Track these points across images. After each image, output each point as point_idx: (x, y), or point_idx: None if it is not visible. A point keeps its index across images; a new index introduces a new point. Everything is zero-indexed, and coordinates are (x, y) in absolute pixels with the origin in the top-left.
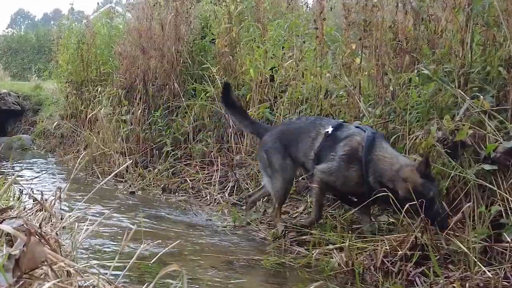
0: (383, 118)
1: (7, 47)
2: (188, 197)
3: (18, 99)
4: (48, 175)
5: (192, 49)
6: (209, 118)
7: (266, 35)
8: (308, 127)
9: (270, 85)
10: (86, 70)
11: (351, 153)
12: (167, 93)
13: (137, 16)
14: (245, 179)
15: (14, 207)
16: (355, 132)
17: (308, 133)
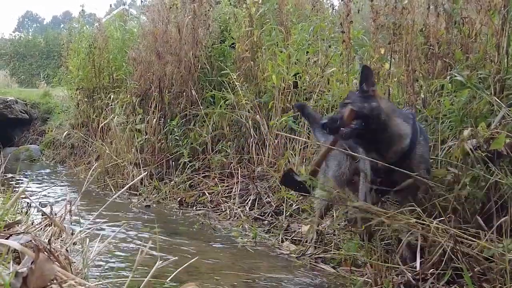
0: None
1: (14, 52)
2: (207, 211)
3: (26, 107)
4: (57, 188)
5: (211, 54)
6: (228, 127)
7: (289, 39)
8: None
9: (293, 92)
10: (98, 76)
11: None
12: (184, 100)
13: (152, 18)
14: (267, 192)
15: (21, 222)
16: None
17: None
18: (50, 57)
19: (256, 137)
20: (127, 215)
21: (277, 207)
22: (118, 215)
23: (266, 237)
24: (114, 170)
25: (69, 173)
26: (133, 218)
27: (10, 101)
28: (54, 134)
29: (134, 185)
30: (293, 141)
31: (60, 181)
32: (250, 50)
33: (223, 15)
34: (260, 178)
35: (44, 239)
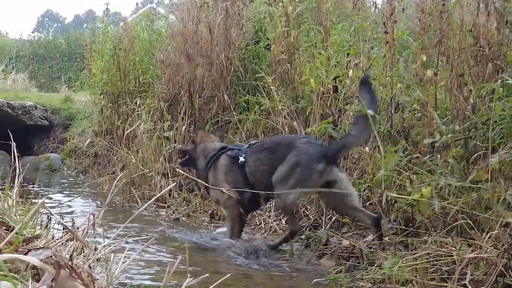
0: (462, 135)
1: (34, 54)
2: None
3: (46, 113)
4: (80, 200)
5: (244, 56)
6: (263, 135)
7: (328, 40)
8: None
9: (333, 97)
10: (123, 80)
11: None
12: (216, 106)
13: (181, 18)
14: (305, 204)
15: (41, 236)
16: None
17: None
18: (72, 59)
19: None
20: (155, 229)
21: (316, 220)
22: (145, 229)
23: (303, 252)
24: (141, 180)
25: (92, 184)
26: (161, 232)
27: (29, 106)
28: (76, 142)
29: (162, 196)
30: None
31: (82, 193)
32: (286, 52)
33: (258, 14)
34: None
35: (66, 255)
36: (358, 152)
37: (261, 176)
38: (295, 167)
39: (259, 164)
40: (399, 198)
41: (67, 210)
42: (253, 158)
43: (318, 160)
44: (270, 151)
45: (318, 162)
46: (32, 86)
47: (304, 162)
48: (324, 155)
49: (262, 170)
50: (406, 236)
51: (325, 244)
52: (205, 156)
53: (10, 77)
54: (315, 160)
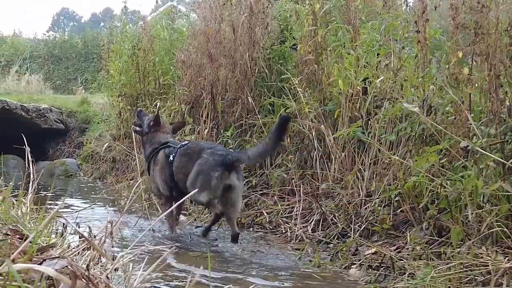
0: (498, 139)
1: (49, 54)
2: (265, 233)
3: (61, 116)
4: (97, 207)
5: (269, 56)
6: (289, 139)
7: (357, 40)
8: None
9: (362, 99)
10: (142, 82)
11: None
12: (240, 108)
13: (203, 16)
14: (333, 211)
15: (56, 245)
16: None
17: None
18: (88, 59)
19: (320, 149)
20: (176, 237)
21: (344, 229)
22: (165, 236)
23: (331, 262)
24: None
25: (110, 190)
26: (183, 241)
27: (43, 109)
28: (93, 147)
29: (183, 203)
30: (363, 154)
31: (99, 199)
32: (313, 52)
33: (284, 12)
34: (325, 195)
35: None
36: (388, 157)
37: (182, 176)
38: (198, 175)
39: (180, 166)
40: (432, 206)
41: (83, 217)
42: (178, 159)
43: (215, 168)
44: (188, 156)
45: (216, 170)
46: (47, 88)
47: (204, 170)
48: (222, 163)
49: (182, 172)
50: (439, 245)
51: (354, 254)
52: (151, 146)
53: (24, 78)
54: (213, 168)
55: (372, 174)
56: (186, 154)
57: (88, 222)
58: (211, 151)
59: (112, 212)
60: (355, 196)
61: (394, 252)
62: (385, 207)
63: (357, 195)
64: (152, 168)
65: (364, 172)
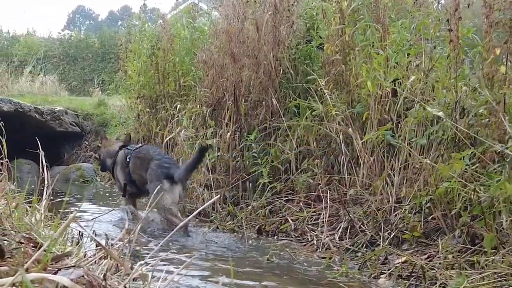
0: None
1: (64, 54)
2: (290, 241)
3: (77, 118)
4: (114, 214)
5: (295, 56)
6: (316, 143)
7: (387, 39)
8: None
9: (392, 101)
10: (162, 83)
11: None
12: (264, 111)
13: (226, 14)
14: (361, 218)
15: (72, 254)
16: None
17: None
18: (105, 60)
19: (348, 154)
20: (197, 246)
21: (373, 237)
22: (186, 245)
23: (359, 271)
24: None
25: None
26: (204, 249)
27: (58, 111)
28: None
29: (205, 210)
30: (392, 158)
31: (117, 206)
32: (341, 52)
33: (310, 10)
34: (353, 202)
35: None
36: (419, 161)
37: (137, 177)
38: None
39: (135, 167)
40: (464, 213)
41: (100, 225)
42: (133, 161)
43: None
44: (140, 160)
45: (161, 181)
46: (62, 89)
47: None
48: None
49: (137, 172)
50: (472, 253)
51: (383, 263)
52: (110, 156)
53: (38, 79)
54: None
55: (402, 179)
56: (138, 157)
57: (106, 229)
58: (158, 163)
59: (130, 219)
60: (384, 203)
61: (425, 261)
62: (416, 214)
63: (387, 201)
64: (116, 169)
65: (394, 178)
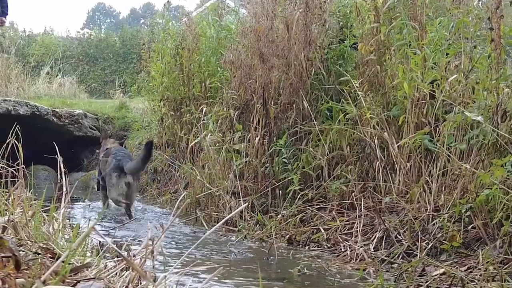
0: None
1: (83, 54)
2: (322, 251)
3: (97, 122)
4: (137, 223)
5: (327, 56)
6: (349, 148)
7: (424, 38)
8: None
9: (430, 103)
10: (187, 84)
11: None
12: (294, 114)
13: (254, 12)
14: (397, 227)
15: (91, 265)
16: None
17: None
18: (127, 60)
19: (383, 159)
20: (223, 257)
21: (410, 247)
22: (212, 256)
23: (395, 283)
24: (207, 200)
25: (151, 204)
26: (231, 260)
27: (77, 114)
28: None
29: (232, 219)
30: (430, 164)
31: (140, 215)
32: (376, 52)
33: (343, 8)
34: (388, 210)
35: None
36: (459, 167)
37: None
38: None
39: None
40: (506, 222)
41: (121, 234)
42: (102, 159)
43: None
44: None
45: (114, 172)
46: (81, 91)
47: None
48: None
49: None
50: None
51: (421, 274)
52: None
53: (56, 80)
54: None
55: (441, 186)
56: (106, 155)
57: (127, 239)
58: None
59: (153, 229)
60: (421, 211)
61: (464, 272)
62: (455, 223)
63: (424, 209)
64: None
65: (432, 184)
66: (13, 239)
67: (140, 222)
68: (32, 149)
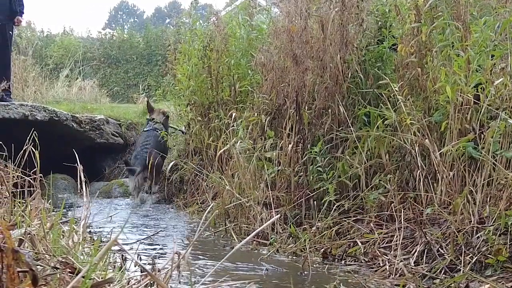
0: None
1: (105, 56)
2: (359, 266)
3: (120, 128)
4: (161, 235)
5: (365, 58)
6: (388, 155)
7: (468, 39)
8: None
9: (474, 108)
10: (215, 88)
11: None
12: (330, 120)
13: (287, 11)
14: (439, 241)
15: (113, 280)
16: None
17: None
18: (151, 62)
19: (424, 168)
20: (254, 272)
21: (453, 261)
22: (242, 271)
23: None
24: (237, 211)
25: (177, 215)
26: (262, 275)
27: (99, 120)
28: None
29: (263, 231)
30: (475, 173)
31: (165, 226)
32: (416, 53)
33: (381, 6)
34: (430, 222)
35: None
36: (505, 176)
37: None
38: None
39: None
40: None
41: (145, 247)
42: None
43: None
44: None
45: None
46: (102, 96)
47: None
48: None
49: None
50: None
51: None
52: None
53: (75, 84)
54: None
55: (485, 197)
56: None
57: (151, 253)
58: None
59: (180, 241)
60: (465, 223)
61: None
62: (501, 236)
63: (468, 221)
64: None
65: (476, 195)
66: (30, 253)
67: (166, 234)
68: (50, 157)
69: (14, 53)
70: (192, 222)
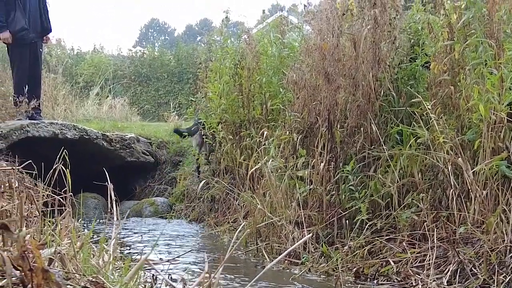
0: None
1: (135, 74)
2: (392, 285)
3: (150, 147)
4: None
5: (397, 76)
6: (421, 174)
7: (502, 56)
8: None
9: (507, 127)
10: (246, 106)
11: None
12: (362, 138)
13: (319, 29)
14: (473, 260)
15: None
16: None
17: None
18: (182, 80)
19: (457, 187)
20: None
21: (486, 280)
22: None
23: None
24: (268, 231)
25: (208, 234)
26: None
27: (129, 138)
28: (188, 183)
29: (295, 250)
30: (508, 192)
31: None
32: (449, 71)
33: (414, 24)
34: (463, 241)
35: None
36: None
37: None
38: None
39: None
40: None
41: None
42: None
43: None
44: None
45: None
46: (133, 114)
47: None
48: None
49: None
50: None
51: None
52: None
53: (106, 102)
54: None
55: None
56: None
57: (183, 272)
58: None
59: (211, 260)
60: (498, 242)
61: None
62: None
63: (501, 240)
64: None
65: (510, 214)
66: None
67: (197, 253)
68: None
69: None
70: (223, 241)
